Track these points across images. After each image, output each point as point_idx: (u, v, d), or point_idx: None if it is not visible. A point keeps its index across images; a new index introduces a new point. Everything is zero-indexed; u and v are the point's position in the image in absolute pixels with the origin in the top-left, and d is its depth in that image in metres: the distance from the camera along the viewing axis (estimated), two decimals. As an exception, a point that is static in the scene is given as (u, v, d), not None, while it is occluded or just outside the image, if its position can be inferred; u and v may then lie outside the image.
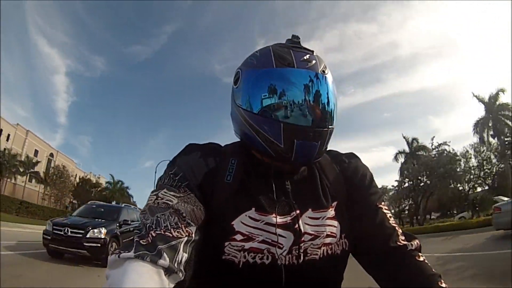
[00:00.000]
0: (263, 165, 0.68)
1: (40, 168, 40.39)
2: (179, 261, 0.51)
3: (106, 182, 44.38)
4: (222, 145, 0.74)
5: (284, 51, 0.65)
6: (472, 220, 15.25)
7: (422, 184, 22.69)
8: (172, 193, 0.60)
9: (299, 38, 0.68)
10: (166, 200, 0.58)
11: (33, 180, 38.76)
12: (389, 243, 0.67)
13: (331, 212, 0.68)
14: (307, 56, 0.64)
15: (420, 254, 0.67)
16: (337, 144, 0.81)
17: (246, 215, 0.62)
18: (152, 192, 0.61)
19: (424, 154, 24.95)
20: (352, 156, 0.79)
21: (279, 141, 0.61)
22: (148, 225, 0.54)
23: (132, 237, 0.53)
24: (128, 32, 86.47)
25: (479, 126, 23.40)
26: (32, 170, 36.59)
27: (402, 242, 0.67)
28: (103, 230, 6.85)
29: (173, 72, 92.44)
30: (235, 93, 0.70)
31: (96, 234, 6.71)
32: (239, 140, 0.73)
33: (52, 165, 44.81)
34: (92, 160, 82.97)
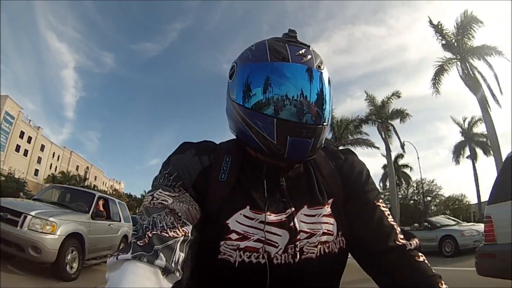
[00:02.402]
0: (257, 162, 0.67)
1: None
2: (176, 261, 0.52)
3: (142, 196, 55.97)
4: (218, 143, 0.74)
5: (279, 45, 0.64)
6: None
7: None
8: (167, 193, 0.60)
9: (296, 33, 0.67)
10: (162, 200, 0.59)
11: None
12: (387, 242, 0.64)
13: (327, 209, 0.66)
14: (303, 50, 0.63)
15: (419, 254, 0.64)
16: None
17: (241, 214, 0.62)
18: (148, 192, 0.62)
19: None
20: (348, 152, 0.78)
21: (272, 137, 0.60)
22: (144, 226, 0.54)
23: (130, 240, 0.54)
24: (137, 29, 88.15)
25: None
26: (82, 185, 48.30)
27: (401, 241, 0.65)
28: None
29: (182, 70, 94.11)
30: (230, 87, 0.69)
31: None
32: (234, 137, 0.73)
33: (88, 175, 56.44)
34: (99, 156, 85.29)
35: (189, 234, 0.56)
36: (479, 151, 23.06)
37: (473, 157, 23.11)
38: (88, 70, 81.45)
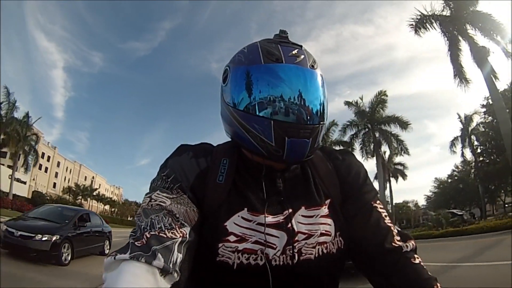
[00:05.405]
0: (253, 164, 0.68)
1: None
2: (174, 262, 0.52)
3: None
4: (215, 145, 0.74)
5: (271, 46, 0.64)
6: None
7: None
8: (165, 194, 0.60)
9: (287, 33, 0.68)
10: (160, 201, 0.59)
11: (89, 199, 58.79)
12: (384, 244, 0.63)
13: (324, 210, 0.66)
14: (296, 51, 0.64)
15: (415, 256, 0.63)
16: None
17: (238, 216, 0.62)
18: (146, 194, 0.63)
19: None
20: (346, 153, 0.77)
21: (270, 139, 0.61)
22: (142, 226, 0.54)
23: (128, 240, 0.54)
24: (126, 28, 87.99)
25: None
26: (92, 194, 56.48)
27: (398, 243, 0.64)
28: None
29: (171, 69, 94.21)
30: (224, 91, 0.69)
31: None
32: (230, 139, 0.73)
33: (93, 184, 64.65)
34: (89, 156, 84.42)
35: (187, 236, 0.56)
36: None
37: (389, 180, 32.93)
38: (77, 69, 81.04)
